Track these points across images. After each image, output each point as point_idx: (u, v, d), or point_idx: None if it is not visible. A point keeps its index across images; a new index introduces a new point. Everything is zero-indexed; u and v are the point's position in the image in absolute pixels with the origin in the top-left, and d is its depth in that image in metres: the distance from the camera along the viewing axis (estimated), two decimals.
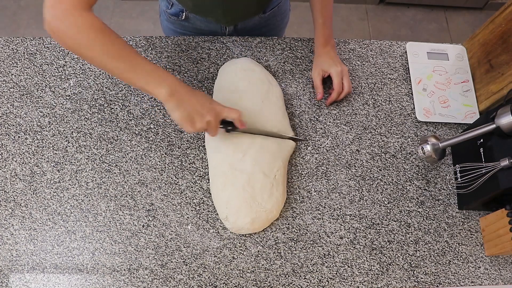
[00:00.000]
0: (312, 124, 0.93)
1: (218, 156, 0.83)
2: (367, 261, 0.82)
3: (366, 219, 0.85)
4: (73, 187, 0.84)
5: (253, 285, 0.79)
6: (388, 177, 0.89)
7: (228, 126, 0.80)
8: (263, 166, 0.82)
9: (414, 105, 0.96)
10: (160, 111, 0.92)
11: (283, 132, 0.87)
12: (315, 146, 0.91)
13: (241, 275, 0.79)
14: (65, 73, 0.95)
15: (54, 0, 0.64)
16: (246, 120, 0.83)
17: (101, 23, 0.67)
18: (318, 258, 0.81)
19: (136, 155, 0.88)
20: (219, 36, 1.02)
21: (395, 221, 0.86)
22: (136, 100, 0.93)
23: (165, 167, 0.87)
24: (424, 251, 0.83)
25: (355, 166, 0.90)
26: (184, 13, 0.99)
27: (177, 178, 0.86)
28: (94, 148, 0.88)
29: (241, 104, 0.86)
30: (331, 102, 0.94)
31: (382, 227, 0.85)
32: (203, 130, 0.75)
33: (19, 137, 0.88)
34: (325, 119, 0.94)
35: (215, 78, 0.94)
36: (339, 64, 0.92)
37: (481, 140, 0.81)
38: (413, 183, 0.89)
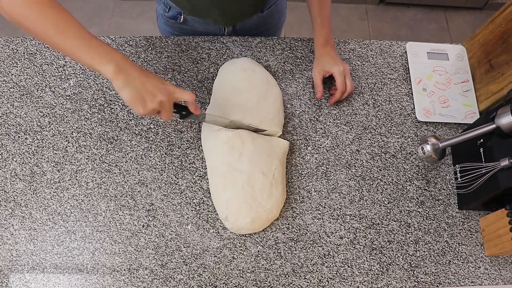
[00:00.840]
0: (312, 124, 0.93)
1: (216, 156, 0.83)
2: (367, 261, 0.82)
3: (366, 219, 0.85)
4: (73, 187, 0.84)
5: (253, 285, 0.79)
6: (388, 177, 0.89)
7: (182, 111, 0.75)
8: (261, 165, 0.82)
9: (414, 105, 0.96)
10: None
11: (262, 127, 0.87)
12: (315, 146, 0.91)
13: (241, 275, 0.79)
14: (65, 73, 0.95)
15: None
16: (236, 115, 0.83)
17: None
18: (318, 258, 0.81)
19: (136, 155, 0.88)
20: (219, 36, 1.02)
21: (395, 221, 0.86)
22: None
23: (165, 167, 0.87)
24: (424, 251, 0.83)
25: (355, 166, 0.90)
26: (182, 16, 0.99)
27: (177, 178, 0.86)
28: (94, 148, 0.88)
29: (236, 102, 0.86)
30: (335, 101, 0.94)
31: (382, 227, 0.85)
32: (156, 113, 0.70)
33: (19, 137, 0.88)
34: (325, 119, 0.94)
35: (215, 78, 0.94)
36: (340, 63, 0.92)
37: (481, 140, 0.81)
38: (413, 183, 0.89)
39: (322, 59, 0.93)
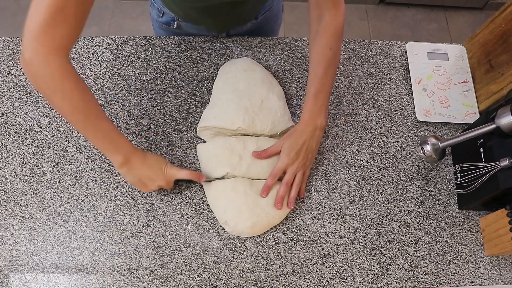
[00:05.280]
0: None
1: (216, 161, 0.83)
2: (367, 261, 0.82)
3: (366, 219, 0.85)
4: (73, 187, 0.84)
5: (253, 285, 0.79)
6: (388, 177, 0.89)
7: (185, 181, 0.83)
8: (264, 169, 0.83)
9: (414, 105, 0.96)
10: (160, 111, 0.92)
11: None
12: None
13: (241, 275, 0.79)
14: None
15: (35, 42, 0.61)
16: (244, 121, 0.84)
17: (76, 75, 0.66)
18: (318, 258, 0.81)
19: None
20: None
21: (395, 221, 0.86)
22: (136, 100, 0.93)
23: None
24: (424, 251, 0.83)
25: (355, 166, 0.90)
26: (175, 22, 0.99)
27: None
28: (94, 148, 0.88)
29: (241, 104, 0.86)
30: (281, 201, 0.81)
31: (382, 227, 0.85)
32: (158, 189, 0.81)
33: (19, 137, 0.88)
34: None
35: (215, 78, 0.94)
36: (301, 164, 0.81)
37: (481, 140, 0.81)
38: (413, 183, 0.89)
39: (290, 141, 0.81)
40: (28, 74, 0.64)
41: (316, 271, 0.80)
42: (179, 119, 0.91)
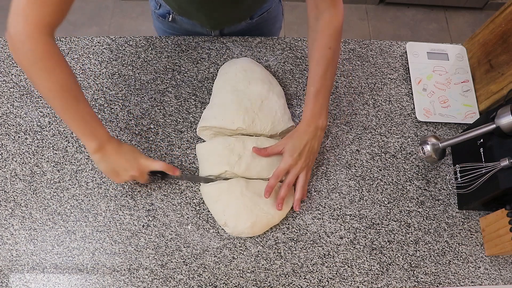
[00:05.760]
0: None
1: (214, 161, 0.83)
2: (367, 261, 0.82)
3: (366, 219, 0.85)
4: (73, 187, 0.84)
5: (253, 285, 0.79)
6: (388, 177, 0.89)
7: (159, 173, 0.82)
8: (264, 170, 0.83)
9: (414, 105, 0.96)
10: (160, 111, 0.92)
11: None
12: None
13: (241, 275, 0.79)
14: None
15: (21, 17, 0.61)
16: (244, 120, 0.84)
17: (59, 53, 0.66)
18: (318, 258, 0.81)
19: None
20: (219, 36, 1.02)
21: (395, 221, 0.86)
22: (136, 100, 0.93)
23: None
24: (424, 251, 0.83)
25: (355, 166, 0.90)
26: (171, 15, 0.99)
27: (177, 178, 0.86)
28: None
29: (241, 104, 0.86)
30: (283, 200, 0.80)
31: (382, 227, 0.85)
32: (131, 180, 0.81)
33: (19, 137, 0.88)
34: None
35: (215, 78, 0.94)
36: (304, 165, 0.80)
37: (481, 140, 0.81)
38: (413, 183, 0.89)
39: (292, 142, 0.79)
40: (12, 49, 0.64)
41: (316, 271, 0.81)
42: (179, 119, 0.91)
